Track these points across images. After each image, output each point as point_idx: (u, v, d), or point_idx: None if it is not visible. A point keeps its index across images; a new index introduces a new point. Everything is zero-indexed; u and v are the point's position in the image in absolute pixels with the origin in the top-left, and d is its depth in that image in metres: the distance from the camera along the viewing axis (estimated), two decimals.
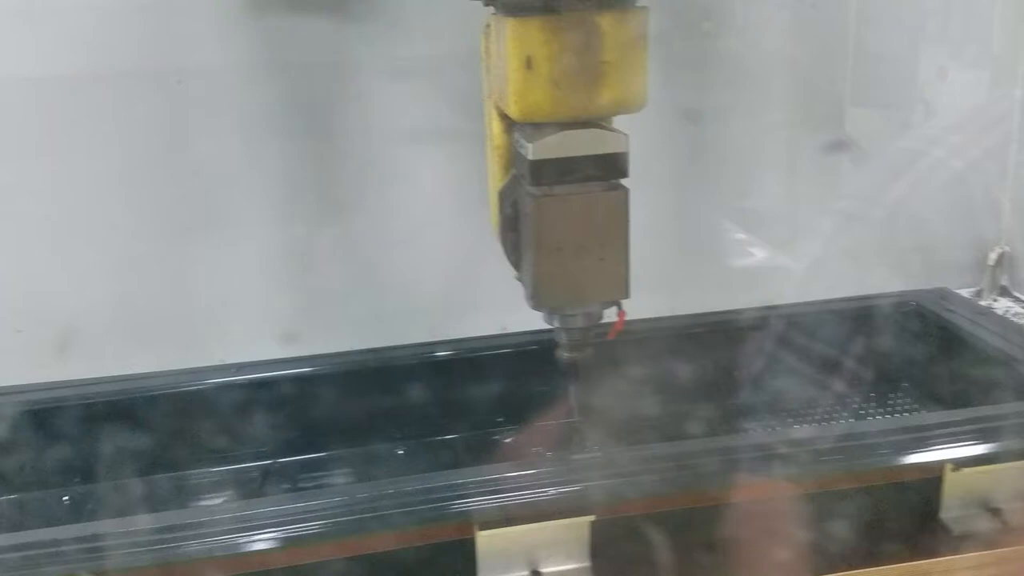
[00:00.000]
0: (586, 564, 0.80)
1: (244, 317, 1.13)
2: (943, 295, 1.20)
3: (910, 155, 1.22)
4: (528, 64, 0.76)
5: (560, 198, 0.80)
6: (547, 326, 0.88)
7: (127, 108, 1.05)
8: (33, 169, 1.05)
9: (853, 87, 1.24)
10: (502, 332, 1.13)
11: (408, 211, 1.13)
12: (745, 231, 1.26)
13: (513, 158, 0.87)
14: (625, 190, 0.81)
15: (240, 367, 1.09)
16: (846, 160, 1.27)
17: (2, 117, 1.03)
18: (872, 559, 0.82)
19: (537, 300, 0.83)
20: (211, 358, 1.09)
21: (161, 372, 1.08)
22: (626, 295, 0.83)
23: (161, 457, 1.06)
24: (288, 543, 0.77)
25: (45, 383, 1.06)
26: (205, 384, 1.07)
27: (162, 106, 1.06)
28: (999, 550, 0.82)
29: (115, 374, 1.07)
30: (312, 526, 0.78)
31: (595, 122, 0.80)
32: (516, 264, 0.87)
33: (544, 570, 0.79)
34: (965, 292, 1.30)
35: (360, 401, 1.09)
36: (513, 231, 0.86)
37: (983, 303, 1.31)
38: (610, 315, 0.88)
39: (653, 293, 0.88)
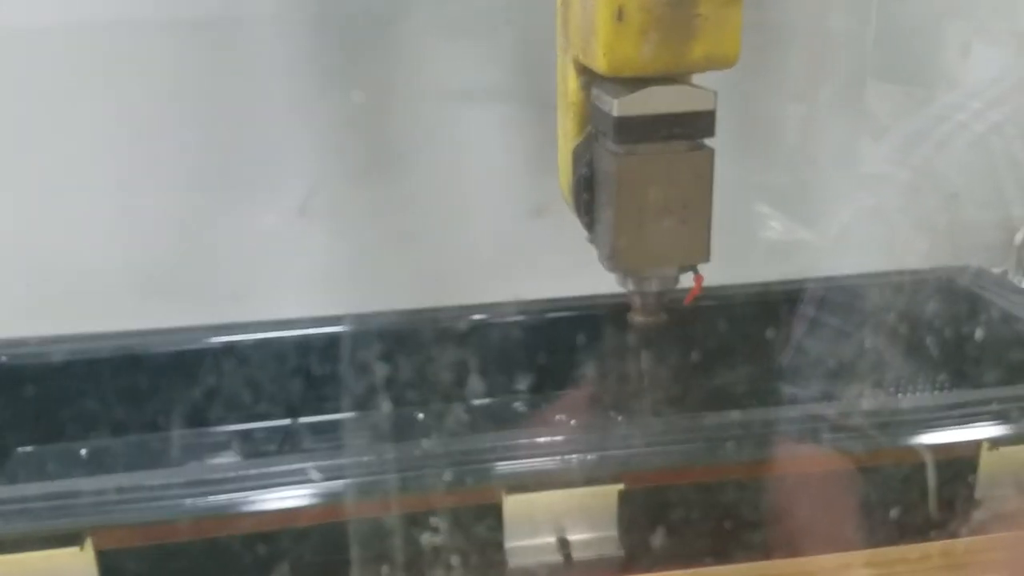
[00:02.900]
0: (613, 533, 0.78)
1: (279, 273, 1.09)
2: (977, 273, 1.19)
3: (933, 134, 1.21)
4: (619, 15, 0.73)
5: (643, 157, 0.78)
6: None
7: (171, 56, 1.01)
8: (66, 117, 1.01)
9: (875, 62, 1.22)
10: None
11: (450, 173, 1.10)
12: (765, 204, 1.24)
13: (590, 115, 0.84)
14: (710, 150, 0.79)
15: (267, 324, 1.04)
16: (867, 137, 1.26)
17: (42, 64, 0.99)
18: (903, 538, 0.81)
19: (614, 261, 0.81)
20: (243, 314, 1.05)
21: (187, 328, 1.04)
22: (707, 259, 0.81)
23: (184, 413, 1.03)
24: (311, 502, 0.74)
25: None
26: (233, 340, 1.03)
27: (202, 55, 1.01)
28: None
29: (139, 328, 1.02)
30: (337, 486, 0.74)
31: (682, 78, 0.78)
32: (589, 226, 0.84)
33: (571, 537, 0.77)
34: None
35: (386, 363, 1.04)
36: (587, 192, 0.83)
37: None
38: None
39: None
